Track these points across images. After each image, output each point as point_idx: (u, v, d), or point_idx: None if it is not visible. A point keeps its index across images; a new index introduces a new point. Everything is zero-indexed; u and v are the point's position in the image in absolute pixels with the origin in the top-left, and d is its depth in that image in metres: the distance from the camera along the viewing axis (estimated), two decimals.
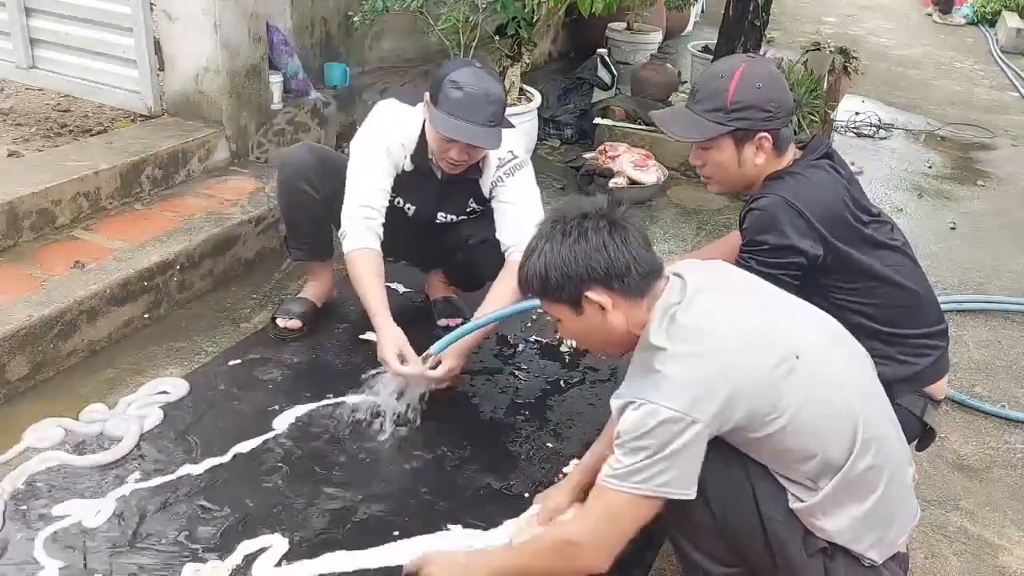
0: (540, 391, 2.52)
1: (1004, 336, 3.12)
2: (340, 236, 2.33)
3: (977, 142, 5.46)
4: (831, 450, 1.44)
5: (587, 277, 1.50)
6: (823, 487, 1.45)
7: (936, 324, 1.98)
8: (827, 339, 1.56)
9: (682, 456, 1.40)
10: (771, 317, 1.53)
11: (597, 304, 1.52)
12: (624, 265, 1.50)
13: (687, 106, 1.93)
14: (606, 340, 1.60)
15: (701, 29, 7.42)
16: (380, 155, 2.32)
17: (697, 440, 1.40)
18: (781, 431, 1.41)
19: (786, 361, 1.43)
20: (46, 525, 1.87)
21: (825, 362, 1.49)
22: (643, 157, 4.13)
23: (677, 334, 1.45)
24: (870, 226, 1.90)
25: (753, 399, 1.40)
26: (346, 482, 2.07)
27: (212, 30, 3.12)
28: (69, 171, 2.80)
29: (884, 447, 1.49)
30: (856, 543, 1.49)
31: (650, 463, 1.41)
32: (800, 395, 1.42)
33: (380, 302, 2.26)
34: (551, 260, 1.52)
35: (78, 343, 2.44)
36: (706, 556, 1.56)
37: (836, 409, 1.45)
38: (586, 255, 1.50)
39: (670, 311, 1.48)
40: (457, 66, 2.22)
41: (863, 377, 1.56)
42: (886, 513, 1.51)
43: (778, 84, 1.90)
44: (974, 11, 9.58)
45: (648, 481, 1.42)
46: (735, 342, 1.44)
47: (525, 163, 2.43)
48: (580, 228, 1.52)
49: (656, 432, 1.39)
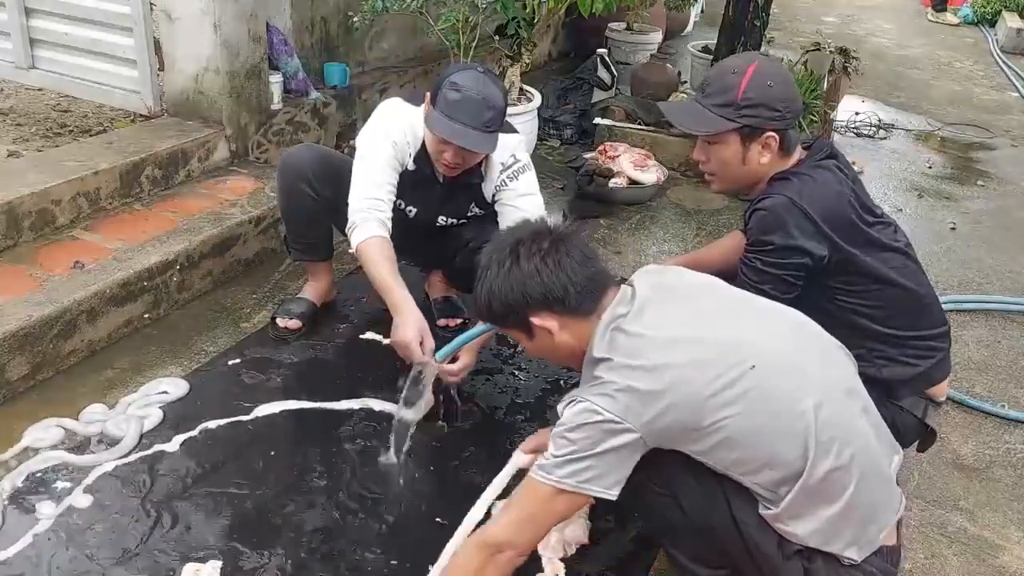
0: (540, 391, 2.52)
1: (1004, 336, 3.12)
2: (348, 230, 2.28)
3: (977, 142, 5.46)
4: (782, 458, 1.43)
5: (527, 304, 1.52)
6: (784, 495, 1.45)
7: (938, 326, 1.98)
8: (789, 344, 1.54)
9: (610, 458, 1.42)
10: (725, 321, 1.53)
11: (545, 328, 1.53)
12: (561, 288, 1.50)
13: (696, 99, 1.93)
14: (562, 358, 1.63)
15: (701, 29, 7.41)
16: (387, 149, 2.31)
17: (629, 447, 1.42)
18: (723, 443, 1.42)
19: (729, 371, 1.42)
20: (46, 523, 1.87)
21: (775, 370, 1.47)
22: (643, 157, 4.13)
23: (620, 346, 1.46)
24: (874, 227, 1.90)
25: (690, 411, 1.41)
26: (344, 481, 2.08)
27: (212, 30, 3.12)
28: (69, 171, 2.80)
29: (850, 446, 1.47)
30: (829, 544, 1.49)
31: (577, 458, 1.43)
32: (738, 407, 1.41)
33: (398, 284, 2.18)
34: (491, 290, 1.55)
35: (78, 343, 2.44)
36: (692, 560, 1.58)
37: (781, 418, 1.44)
38: (520, 283, 1.51)
39: (613, 323, 1.49)
40: (460, 69, 2.21)
41: (833, 376, 1.54)
42: (862, 511, 1.50)
43: (789, 85, 1.90)
44: (974, 11, 9.57)
45: (572, 476, 1.44)
46: (676, 353, 1.44)
47: (528, 167, 2.42)
48: (513, 256, 1.53)
49: (588, 429, 1.42)
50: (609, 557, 1.93)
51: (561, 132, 4.69)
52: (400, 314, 2.14)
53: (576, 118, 4.72)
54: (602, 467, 1.43)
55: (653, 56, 5.13)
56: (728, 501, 1.49)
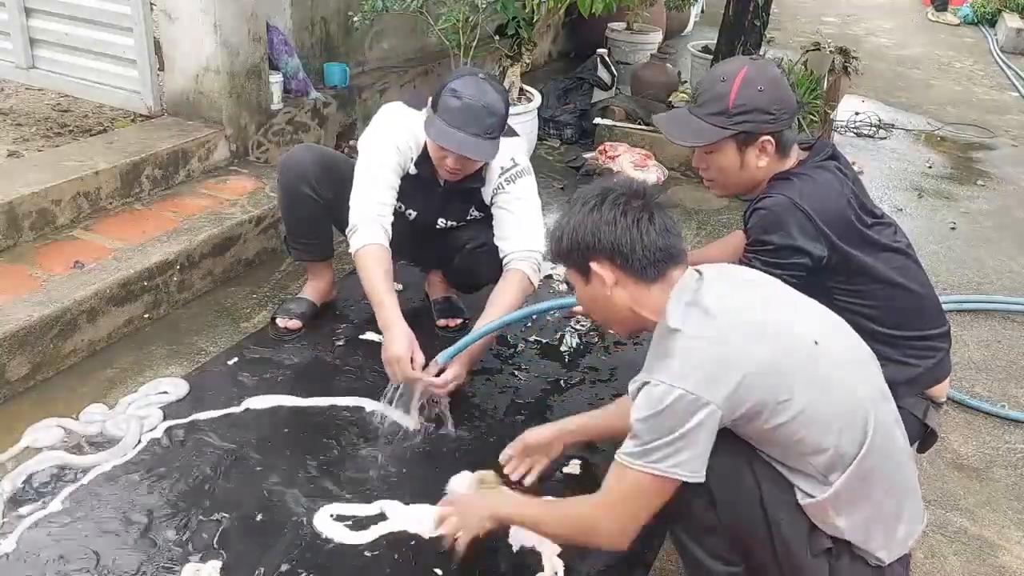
0: (540, 391, 2.52)
1: (1004, 336, 3.12)
2: (348, 232, 2.29)
3: (977, 142, 5.46)
4: (844, 441, 1.43)
5: (593, 247, 1.54)
6: (834, 481, 1.44)
7: (938, 326, 1.98)
8: (842, 342, 1.57)
9: (693, 437, 1.41)
10: (785, 308, 1.55)
11: (601, 277, 1.55)
12: (630, 245, 1.52)
13: (689, 110, 1.93)
14: (608, 315, 1.63)
15: (701, 29, 7.41)
16: (390, 152, 2.31)
17: (708, 421, 1.40)
18: (793, 420, 1.41)
19: (800, 350, 1.44)
20: (45, 522, 1.87)
21: (839, 353, 1.50)
22: (643, 157, 4.13)
23: (692, 318, 1.46)
24: (874, 228, 1.90)
25: (766, 384, 1.41)
26: (341, 481, 2.08)
27: (212, 30, 3.12)
28: (69, 171, 2.80)
29: (891, 444, 1.50)
30: (867, 542, 1.49)
31: (662, 443, 1.41)
32: (814, 383, 1.43)
33: (390, 299, 2.20)
34: (566, 224, 1.58)
35: (78, 343, 2.44)
36: (709, 554, 1.56)
37: (849, 400, 1.46)
38: (595, 225, 1.54)
39: (686, 296, 1.50)
40: (461, 75, 2.21)
41: (871, 374, 1.57)
42: (894, 510, 1.51)
43: (780, 86, 1.90)
44: (974, 11, 9.57)
45: (660, 461, 1.42)
46: (749, 328, 1.45)
47: (527, 171, 2.42)
48: (599, 200, 1.55)
49: (668, 412, 1.40)
50: (609, 557, 1.93)
51: (561, 132, 4.70)
52: (389, 330, 2.16)
53: (576, 118, 4.72)
54: (687, 450, 1.41)
55: (653, 56, 5.13)
56: (762, 495, 1.48)
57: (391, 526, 1.95)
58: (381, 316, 2.20)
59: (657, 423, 1.41)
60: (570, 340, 2.74)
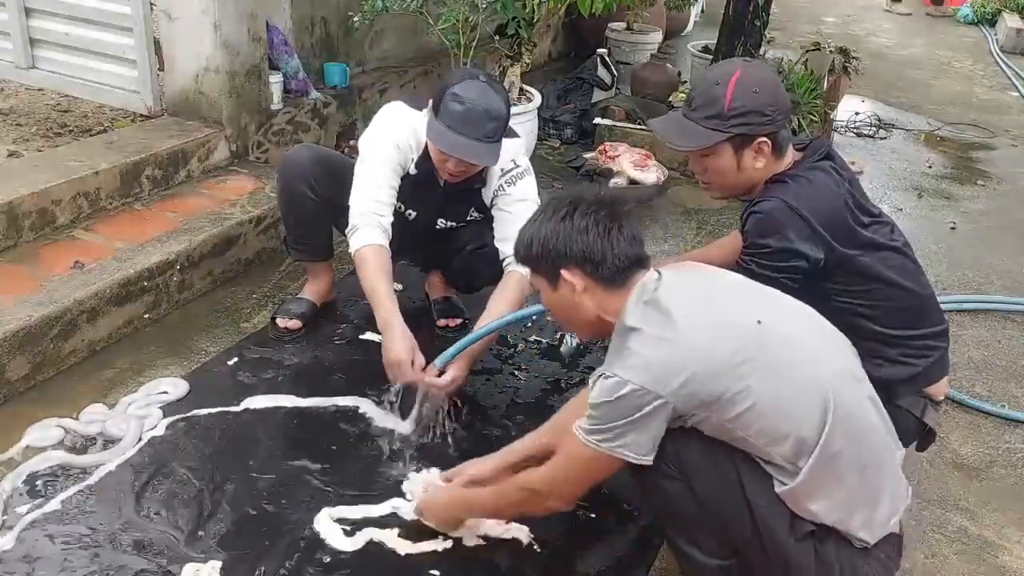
0: (540, 391, 2.52)
1: (1004, 336, 3.12)
2: (348, 232, 2.29)
3: (977, 142, 5.46)
4: (803, 426, 1.47)
5: (564, 255, 1.58)
6: (802, 467, 1.47)
7: (937, 325, 1.98)
8: (802, 327, 1.60)
9: (643, 424, 1.48)
10: (740, 301, 1.60)
11: (571, 284, 1.59)
12: (601, 254, 1.57)
13: (684, 114, 1.92)
14: (573, 319, 1.68)
15: (701, 29, 7.41)
16: (391, 152, 2.31)
17: (659, 412, 1.47)
18: (749, 410, 1.46)
19: (748, 340, 1.49)
20: (45, 522, 1.87)
21: (793, 345, 1.53)
22: (643, 157, 4.13)
23: (648, 317, 1.52)
24: (871, 227, 1.90)
25: (716, 378, 1.46)
26: (341, 481, 2.08)
27: (212, 30, 3.12)
28: (69, 171, 2.80)
29: (861, 429, 1.53)
30: (845, 524, 1.52)
31: (614, 426, 1.49)
32: (765, 371, 1.47)
33: (390, 300, 2.20)
34: (537, 231, 1.62)
35: (78, 343, 2.44)
36: (699, 550, 1.59)
37: (804, 381, 1.49)
38: (567, 234, 1.58)
39: (644, 296, 1.55)
40: (462, 78, 2.19)
41: (840, 363, 1.59)
42: (871, 492, 1.54)
43: (775, 87, 1.89)
44: (974, 11, 9.57)
45: (609, 441, 1.50)
46: (701, 324, 1.50)
47: (528, 172, 2.42)
48: (570, 208, 1.59)
49: (620, 402, 1.47)
50: (609, 557, 1.93)
51: (561, 132, 4.70)
52: (389, 331, 2.16)
53: (576, 118, 4.72)
54: (634, 434, 1.49)
55: (653, 56, 5.14)
56: (742, 484, 1.51)
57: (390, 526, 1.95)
58: (380, 316, 2.20)
59: (610, 410, 1.49)
60: (570, 340, 2.74)
